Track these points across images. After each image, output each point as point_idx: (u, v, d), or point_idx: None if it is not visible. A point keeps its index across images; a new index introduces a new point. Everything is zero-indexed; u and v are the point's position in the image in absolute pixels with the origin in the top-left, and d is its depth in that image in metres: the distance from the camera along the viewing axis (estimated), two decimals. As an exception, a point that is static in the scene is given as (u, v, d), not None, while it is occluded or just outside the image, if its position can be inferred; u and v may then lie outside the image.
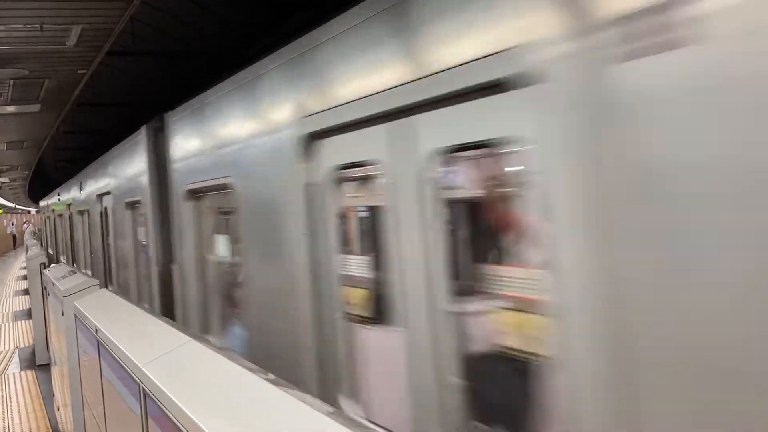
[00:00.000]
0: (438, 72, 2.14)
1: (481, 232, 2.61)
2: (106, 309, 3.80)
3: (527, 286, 2.20)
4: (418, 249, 2.37)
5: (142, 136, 5.93)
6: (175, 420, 1.86)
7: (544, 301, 1.82)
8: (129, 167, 6.76)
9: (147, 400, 2.25)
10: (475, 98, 2.05)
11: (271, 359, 3.38)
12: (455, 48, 2.07)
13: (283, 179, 3.29)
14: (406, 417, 2.51)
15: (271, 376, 1.96)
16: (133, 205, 6.78)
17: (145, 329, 3.08)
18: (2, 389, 8.53)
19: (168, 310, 5.34)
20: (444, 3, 2.13)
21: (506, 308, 2.42)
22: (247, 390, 1.90)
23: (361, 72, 2.66)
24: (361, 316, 3.21)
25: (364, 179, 3.15)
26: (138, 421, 2.38)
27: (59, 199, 15.39)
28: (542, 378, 1.95)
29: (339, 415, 1.55)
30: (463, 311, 2.39)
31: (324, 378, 2.99)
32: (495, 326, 2.49)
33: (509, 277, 2.43)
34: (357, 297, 3.31)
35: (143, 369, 2.32)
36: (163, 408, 2.00)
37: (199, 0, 6.27)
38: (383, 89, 2.45)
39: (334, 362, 2.97)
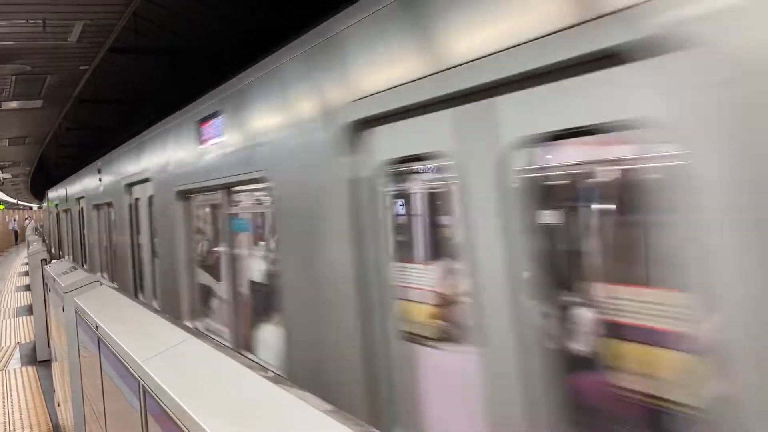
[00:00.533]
0: None
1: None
2: (106, 305, 3.80)
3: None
4: None
5: None
6: (174, 417, 1.86)
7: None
8: None
9: (146, 397, 2.25)
10: None
11: None
12: None
13: None
14: None
15: (271, 374, 1.96)
16: None
17: (145, 326, 3.08)
18: (3, 385, 8.54)
19: None
20: None
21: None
22: (247, 388, 1.89)
23: None
24: None
25: None
26: (138, 417, 2.38)
27: (100, 179, 9.23)
28: None
29: (339, 414, 1.55)
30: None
31: None
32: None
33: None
34: None
35: (143, 366, 2.32)
36: (163, 405, 1.99)
37: (201, -3, 6.27)
38: None
39: None
